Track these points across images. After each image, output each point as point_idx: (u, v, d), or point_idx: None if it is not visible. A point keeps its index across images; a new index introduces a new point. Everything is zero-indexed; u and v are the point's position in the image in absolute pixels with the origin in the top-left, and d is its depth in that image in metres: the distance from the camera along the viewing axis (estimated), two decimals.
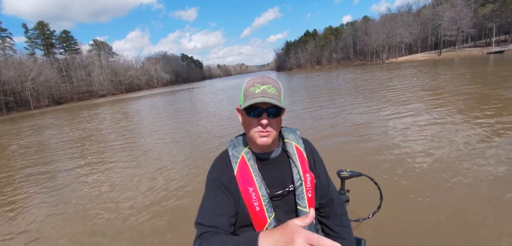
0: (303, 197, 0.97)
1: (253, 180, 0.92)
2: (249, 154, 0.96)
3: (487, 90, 10.12)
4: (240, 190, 0.92)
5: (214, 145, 7.25)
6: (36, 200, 4.91)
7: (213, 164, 1.00)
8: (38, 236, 3.60)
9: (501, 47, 47.75)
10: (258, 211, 0.91)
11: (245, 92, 0.90)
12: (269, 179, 0.95)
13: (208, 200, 0.92)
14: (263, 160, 0.97)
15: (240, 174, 0.93)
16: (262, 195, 0.91)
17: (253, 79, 0.91)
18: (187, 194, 4.31)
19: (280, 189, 0.96)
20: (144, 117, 16.46)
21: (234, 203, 0.92)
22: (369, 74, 28.36)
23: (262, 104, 0.87)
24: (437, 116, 6.87)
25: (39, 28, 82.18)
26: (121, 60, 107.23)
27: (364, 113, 8.52)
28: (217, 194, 0.92)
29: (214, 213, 0.88)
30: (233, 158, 0.96)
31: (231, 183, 0.93)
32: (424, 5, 77.06)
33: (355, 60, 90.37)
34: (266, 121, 0.87)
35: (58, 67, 78.48)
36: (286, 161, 1.00)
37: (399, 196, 3.29)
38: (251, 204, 0.91)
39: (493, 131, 5.32)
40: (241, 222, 0.94)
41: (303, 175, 0.97)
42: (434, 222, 2.71)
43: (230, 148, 1.00)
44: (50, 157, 8.65)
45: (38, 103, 66.02)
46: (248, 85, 0.90)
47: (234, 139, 1.04)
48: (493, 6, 52.93)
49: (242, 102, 0.91)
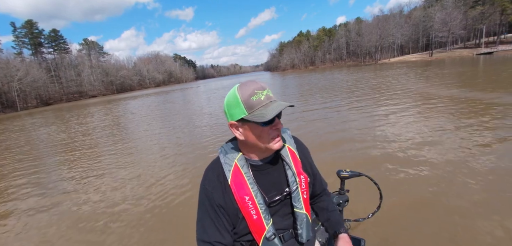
0: (299, 199, 0.96)
1: (249, 188, 0.89)
2: (242, 161, 0.92)
3: (487, 94, 10.05)
4: (236, 200, 0.89)
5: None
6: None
7: (205, 175, 0.96)
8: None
9: (490, 49, 48.85)
10: (255, 220, 0.89)
11: (246, 103, 0.82)
12: (265, 185, 0.93)
13: (207, 216, 0.91)
14: (257, 166, 0.94)
15: (235, 182, 0.89)
16: (259, 202, 0.89)
17: (247, 86, 0.84)
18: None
19: (278, 194, 0.94)
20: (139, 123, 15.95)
21: (230, 216, 0.91)
22: (372, 73, 28.44)
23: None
24: (439, 119, 6.72)
25: (27, 27, 79.95)
26: (113, 60, 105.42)
27: (364, 113, 8.43)
28: (213, 210, 0.90)
29: (216, 229, 0.89)
30: (225, 166, 0.92)
31: (226, 196, 0.90)
32: (415, 7, 78.38)
33: (348, 61, 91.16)
34: (281, 125, 0.87)
35: (46, 67, 76.50)
36: (280, 164, 0.98)
37: (399, 196, 3.22)
38: (248, 213, 0.89)
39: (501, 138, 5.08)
40: (239, 231, 0.92)
41: (298, 177, 0.96)
42: (434, 222, 2.67)
43: (222, 155, 0.95)
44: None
45: (25, 104, 64.11)
46: (247, 95, 0.82)
47: (224, 145, 0.99)
48: (482, 8, 54.09)
49: (245, 115, 0.83)
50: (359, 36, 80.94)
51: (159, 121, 12.85)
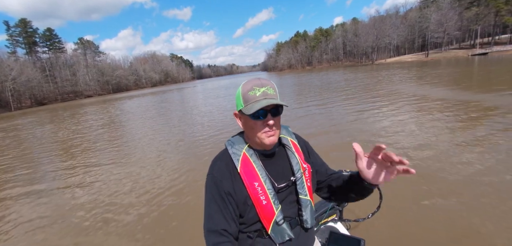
0: (304, 186, 1.00)
1: (258, 175, 0.93)
2: (250, 151, 0.97)
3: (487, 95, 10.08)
4: (246, 186, 0.92)
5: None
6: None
7: (213, 165, 0.99)
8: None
9: (485, 49, 49.37)
10: (265, 205, 0.92)
11: (244, 96, 0.90)
12: (273, 173, 0.97)
13: (214, 204, 0.92)
14: (265, 155, 0.99)
15: (244, 170, 0.93)
16: (268, 188, 0.92)
17: (250, 82, 0.91)
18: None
19: (285, 181, 0.98)
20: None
21: (237, 205, 0.93)
22: (374, 73, 28.50)
23: (268, 106, 0.88)
24: (439, 117, 6.73)
25: (21, 26, 78.86)
26: (108, 59, 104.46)
27: (364, 113, 8.42)
28: (221, 198, 0.92)
29: (222, 217, 0.91)
30: (234, 155, 0.96)
31: (235, 183, 0.93)
32: (411, 8, 78.95)
33: (345, 61, 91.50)
34: (272, 121, 0.90)
35: (41, 67, 75.59)
36: (284, 155, 1.02)
37: (399, 196, 3.19)
38: (258, 199, 0.91)
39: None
40: (248, 220, 0.94)
41: (302, 165, 1.01)
42: (434, 222, 2.65)
43: (229, 146, 0.99)
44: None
45: (19, 104, 63.26)
46: (246, 90, 0.90)
47: (231, 138, 1.04)
48: (477, 9, 54.63)
49: (242, 107, 0.91)
50: (356, 36, 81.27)
51: (156, 121, 12.70)
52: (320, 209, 1.84)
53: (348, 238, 1.40)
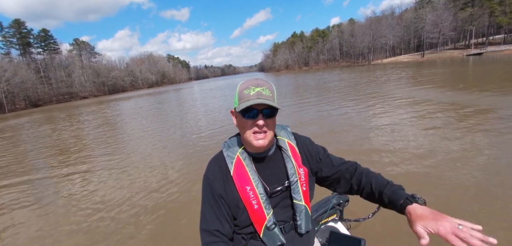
0: (299, 191, 0.98)
1: (250, 179, 0.93)
2: (244, 154, 0.97)
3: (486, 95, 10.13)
4: (238, 189, 0.93)
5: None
6: None
7: (208, 167, 1.01)
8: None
9: (479, 50, 49.95)
10: (256, 209, 0.92)
11: (239, 94, 0.91)
12: (267, 176, 0.97)
13: (208, 205, 0.95)
14: (258, 159, 0.98)
15: (237, 173, 0.94)
16: (260, 193, 0.92)
17: (247, 82, 0.92)
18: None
19: (279, 185, 0.97)
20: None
21: (230, 207, 0.94)
22: (371, 73, 28.63)
23: (258, 105, 0.88)
24: (438, 117, 6.71)
25: (15, 27, 77.93)
26: (104, 60, 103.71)
27: (364, 113, 8.41)
28: (214, 199, 0.94)
29: (216, 218, 0.92)
30: (228, 158, 0.97)
31: (227, 186, 0.94)
32: (406, 9, 79.62)
33: (341, 62, 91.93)
34: (262, 122, 0.89)
35: (35, 68, 74.70)
36: (280, 158, 1.01)
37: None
38: (250, 203, 0.92)
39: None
40: (241, 223, 0.95)
41: (297, 170, 0.99)
42: None
43: (225, 149, 1.01)
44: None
45: (13, 106, 62.46)
46: (242, 88, 0.91)
47: (228, 140, 1.05)
48: (471, 10, 55.27)
49: (237, 105, 0.92)
50: (352, 37, 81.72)
51: (152, 121, 12.59)
52: (321, 209, 1.79)
53: (348, 238, 1.38)
